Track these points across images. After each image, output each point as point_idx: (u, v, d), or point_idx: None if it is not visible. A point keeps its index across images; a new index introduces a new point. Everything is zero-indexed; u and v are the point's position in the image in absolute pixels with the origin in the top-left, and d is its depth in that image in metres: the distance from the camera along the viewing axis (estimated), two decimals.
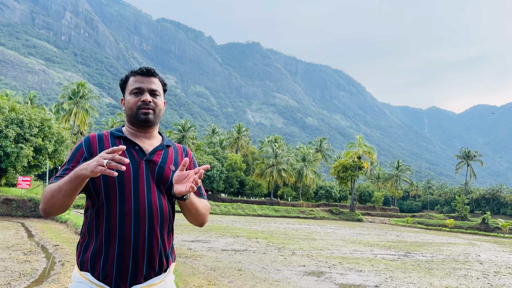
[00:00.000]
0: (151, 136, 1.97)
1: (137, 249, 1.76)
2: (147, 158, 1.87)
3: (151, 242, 1.79)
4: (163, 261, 1.86)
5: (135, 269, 1.77)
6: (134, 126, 1.95)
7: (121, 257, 1.75)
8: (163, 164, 1.89)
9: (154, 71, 1.99)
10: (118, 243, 1.76)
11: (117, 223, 1.76)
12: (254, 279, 7.90)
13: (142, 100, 1.90)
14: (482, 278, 9.90)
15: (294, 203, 57.71)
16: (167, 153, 1.95)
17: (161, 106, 1.97)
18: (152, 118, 1.91)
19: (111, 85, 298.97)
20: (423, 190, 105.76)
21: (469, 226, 42.99)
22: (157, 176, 1.85)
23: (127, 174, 1.80)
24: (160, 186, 1.86)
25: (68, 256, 8.89)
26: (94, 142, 1.89)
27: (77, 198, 34.17)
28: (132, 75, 1.97)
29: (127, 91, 1.96)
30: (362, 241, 19.12)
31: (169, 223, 1.89)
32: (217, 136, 72.58)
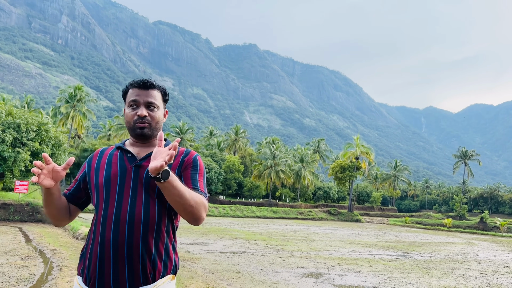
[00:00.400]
0: (150, 144, 1.98)
1: (117, 254, 1.75)
2: (136, 163, 1.88)
3: (130, 248, 1.75)
4: (148, 270, 1.78)
5: (116, 275, 1.75)
6: (133, 137, 2.00)
7: (102, 262, 1.76)
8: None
9: (152, 83, 1.97)
10: (100, 247, 1.77)
11: (99, 227, 1.79)
12: (252, 282, 7.90)
13: (137, 114, 1.92)
14: (480, 278, 9.92)
15: (292, 204, 57.71)
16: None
17: (158, 119, 1.96)
18: (147, 132, 1.93)
19: (108, 88, 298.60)
20: (421, 189, 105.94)
21: (467, 226, 43.08)
22: (145, 181, 1.83)
23: (114, 180, 1.84)
24: (149, 191, 1.83)
25: (66, 261, 8.86)
26: (95, 156, 2.00)
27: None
28: (130, 87, 1.98)
29: (126, 103, 1.99)
30: (361, 242, 19.13)
31: (156, 230, 1.81)
32: (215, 138, 72.57)
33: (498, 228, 38.34)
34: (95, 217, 1.86)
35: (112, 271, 1.74)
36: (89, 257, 1.81)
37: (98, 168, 1.93)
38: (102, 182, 1.86)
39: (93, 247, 1.80)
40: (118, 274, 1.74)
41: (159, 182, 1.64)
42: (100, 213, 1.82)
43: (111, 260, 1.75)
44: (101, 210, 1.82)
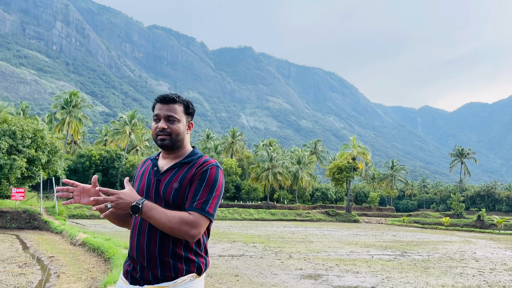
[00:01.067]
0: (176, 156, 2.14)
1: (138, 256, 2.03)
2: (158, 177, 2.08)
3: (149, 253, 2.00)
4: (166, 270, 1.99)
5: (142, 272, 2.01)
6: (160, 148, 2.20)
7: (133, 268, 2.07)
8: (168, 182, 2.05)
9: (173, 98, 2.11)
10: (130, 250, 2.11)
11: (130, 233, 2.13)
12: (251, 284, 7.90)
13: (158, 127, 2.09)
14: (478, 276, 9.96)
15: (290, 206, 57.72)
16: (178, 171, 2.07)
17: (179, 131, 2.09)
18: (168, 143, 2.08)
19: (104, 93, 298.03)
20: (419, 189, 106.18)
21: (465, 224, 43.21)
22: (162, 195, 2.03)
23: (141, 192, 2.10)
24: (168, 204, 2.01)
25: (63, 268, 8.83)
26: (140, 166, 2.27)
27: (71, 207, 33.69)
28: (156, 102, 2.16)
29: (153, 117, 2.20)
30: (359, 242, 19.16)
31: (174, 238, 1.99)
32: (212, 141, 72.50)
33: (496, 226, 38.47)
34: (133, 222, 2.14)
35: (139, 268, 2.02)
36: (130, 253, 2.12)
37: (135, 178, 2.22)
38: None
39: (130, 247, 2.11)
40: (144, 271, 2.01)
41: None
42: (132, 221, 2.14)
43: (138, 262, 2.03)
44: (133, 220, 2.12)
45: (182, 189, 2.00)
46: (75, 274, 8.04)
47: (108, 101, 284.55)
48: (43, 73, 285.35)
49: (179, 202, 2.00)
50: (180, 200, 2.00)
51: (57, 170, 24.08)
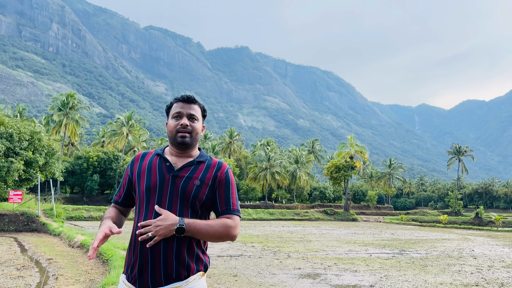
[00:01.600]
0: (188, 155, 2.15)
1: (154, 257, 1.95)
2: (174, 173, 2.05)
3: (166, 252, 1.95)
4: (180, 270, 1.98)
5: (153, 274, 1.96)
6: (173, 146, 2.16)
7: (141, 263, 1.96)
8: (188, 179, 2.04)
9: (194, 99, 2.20)
10: (140, 250, 1.97)
11: (135, 237, 2.00)
12: (249, 284, 7.91)
13: (180, 124, 2.11)
14: (476, 273, 10.00)
15: (288, 206, 57.75)
16: (197, 168, 2.10)
17: (198, 130, 2.16)
18: (188, 140, 2.11)
19: (101, 95, 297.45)
20: (416, 187, 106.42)
21: (463, 221, 43.36)
22: (181, 191, 2.02)
23: (153, 189, 2.03)
24: (184, 200, 2.02)
25: (62, 270, 8.82)
26: (137, 160, 2.17)
27: (69, 209, 33.61)
28: (175, 101, 2.19)
29: (170, 116, 2.18)
30: (357, 241, 19.20)
31: (189, 236, 1.99)
32: (209, 142, 72.45)
33: (493, 223, 38.61)
34: (135, 222, 2.04)
35: (150, 271, 1.95)
36: (133, 258, 2.01)
37: (140, 174, 2.10)
38: (143, 189, 2.05)
39: (135, 249, 2.00)
40: (155, 273, 1.95)
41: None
42: (140, 218, 2.01)
43: (149, 262, 1.95)
44: (142, 216, 2.01)
45: (203, 187, 2.05)
46: (73, 276, 8.03)
47: (105, 102, 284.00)
48: (40, 75, 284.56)
49: (199, 198, 2.03)
50: (200, 197, 2.03)
51: (55, 172, 24.02)
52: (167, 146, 2.23)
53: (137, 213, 2.08)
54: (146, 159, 2.15)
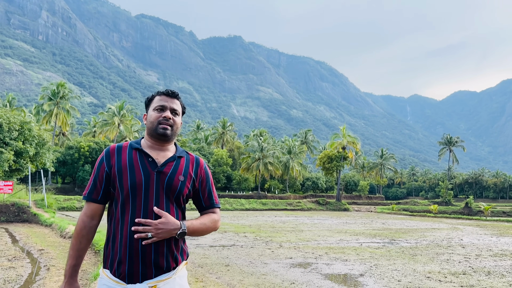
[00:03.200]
0: (165, 149, 2.17)
1: (145, 253, 1.98)
2: (158, 169, 2.06)
3: (157, 247, 1.99)
4: (170, 262, 2.05)
5: (144, 269, 1.99)
6: (152, 138, 2.15)
7: (131, 259, 1.98)
8: (172, 175, 2.08)
9: (178, 94, 2.23)
10: (129, 247, 1.98)
11: (128, 230, 1.99)
12: (241, 274, 7.98)
13: (163, 116, 2.13)
14: (464, 262, 10.18)
15: (281, 196, 58.04)
16: (178, 164, 2.13)
17: (178, 125, 2.20)
18: (169, 133, 2.13)
19: (92, 84, 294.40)
20: (408, 177, 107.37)
21: (453, 211, 43.90)
22: (166, 186, 2.05)
23: (139, 185, 2.02)
24: (169, 195, 2.06)
25: (53, 261, 8.82)
26: (113, 154, 2.11)
27: (61, 200, 33.46)
28: (158, 94, 2.21)
29: (151, 108, 2.19)
30: (348, 231, 19.40)
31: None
32: (202, 132, 72.34)
33: (483, 213, 39.15)
34: (119, 219, 2.03)
35: (141, 266, 1.98)
36: (119, 253, 2.00)
37: (120, 169, 2.05)
38: (128, 187, 2.02)
39: (121, 245, 2.00)
40: (146, 268, 1.99)
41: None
42: (127, 217, 2.01)
43: (139, 257, 1.98)
44: (128, 214, 2.01)
45: (186, 182, 2.11)
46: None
47: (96, 92, 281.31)
48: (29, 63, 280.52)
49: (183, 193, 2.09)
50: (184, 192, 2.09)
51: (46, 163, 23.86)
52: (141, 138, 2.22)
53: (119, 210, 2.03)
54: (123, 154, 2.09)
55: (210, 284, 6.91)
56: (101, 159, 2.11)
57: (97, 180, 2.10)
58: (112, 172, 2.07)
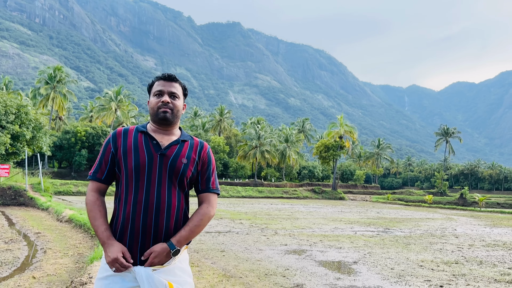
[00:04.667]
0: (170, 133, 2.21)
1: (145, 235, 2.04)
2: (161, 152, 2.10)
3: (156, 231, 2.04)
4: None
5: (143, 252, 2.04)
6: (155, 123, 2.20)
7: (132, 241, 2.04)
8: (176, 157, 2.12)
9: (175, 77, 2.25)
10: (130, 228, 2.04)
11: (130, 210, 2.04)
12: (236, 260, 8.07)
13: (162, 101, 2.16)
14: (457, 251, 10.30)
15: (277, 184, 58.27)
16: (182, 147, 2.17)
17: (179, 107, 2.22)
18: (170, 117, 2.16)
19: (89, 68, 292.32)
20: (404, 167, 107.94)
21: (448, 201, 44.26)
22: (169, 169, 2.08)
23: (143, 167, 2.06)
24: (172, 178, 2.09)
25: (50, 244, 8.88)
26: (119, 136, 2.16)
27: (57, 184, 33.47)
28: (156, 80, 2.24)
29: (151, 94, 2.23)
30: (343, 219, 19.55)
31: (177, 213, 2.11)
32: (199, 119, 72.16)
33: (477, 204, 39.48)
34: (123, 199, 2.08)
35: (140, 249, 2.04)
36: (118, 233, 2.06)
37: (126, 151, 2.10)
38: (132, 168, 2.07)
39: (123, 227, 2.05)
40: (145, 250, 2.04)
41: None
42: (130, 197, 2.06)
43: (139, 240, 2.03)
44: (131, 194, 2.06)
45: (190, 165, 2.14)
46: (61, 250, 8.10)
47: (93, 76, 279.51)
48: (26, 46, 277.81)
49: (186, 176, 2.13)
50: (188, 174, 2.13)
51: (42, 147, 23.82)
52: (147, 123, 2.27)
53: (123, 191, 2.09)
54: (129, 136, 2.15)
55: (205, 269, 6.98)
56: (107, 141, 2.17)
57: (103, 160, 2.16)
58: (118, 153, 2.12)
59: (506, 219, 23.90)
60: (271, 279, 6.43)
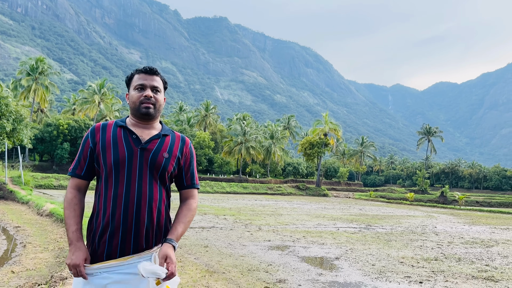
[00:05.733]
0: (150, 127, 2.18)
1: (125, 229, 2.00)
2: (142, 146, 2.08)
3: (138, 224, 2.01)
4: (150, 241, 2.06)
5: (123, 246, 2.00)
6: (136, 118, 2.16)
7: (112, 235, 2.00)
8: (156, 151, 2.09)
9: (157, 70, 2.21)
10: (111, 222, 2.00)
11: (110, 205, 2.01)
12: (220, 255, 8.07)
13: (144, 95, 2.12)
14: (436, 248, 10.51)
15: (262, 180, 58.39)
16: (163, 141, 2.14)
17: (161, 102, 2.19)
18: (152, 111, 2.13)
19: (72, 60, 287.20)
20: (386, 165, 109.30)
21: (429, 199, 45.09)
22: (150, 163, 2.06)
23: (122, 162, 2.03)
24: (153, 172, 2.07)
25: (30, 238, 8.73)
26: (98, 131, 2.12)
27: (38, 178, 32.94)
28: (136, 72, 2.19)
29: (131, 87, 2.17)
30: (326, 215, 19.72)
31: (158, 207, 2.08)
32: (185, 114, 71.72)
33: (457, 202, 40.32)
34: (103, 194, 2.05)
35: (120, 243, 2.00)
36: (100, 228, 2.03)
37: (104, 146, 2.07)
38: (111, 163, 2.03)
39: (103, 222, 2.02)
40: (125, 245, 2.01)
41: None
42: (110, 192, 2.03)
43: (120, 233, 2.00)
44: (111, 189, 2.02)
45: (171, 159, 2.11)
46: (42, 244, 7.98)
47: (76, 69, 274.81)
48: (7, 36, 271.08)
49: (168, 170, 2.10)
50: (169, 169, 2.11)
51: (23, 139, 23.33)
52: (126, 117, 2.22)
53: (103, 186, 2.06)
54: (108, 131, 2.11)
55: (188, 264, 6.97)
56: (86, 136, 2.13)
57: (82, 156, 2.12)
58: (96, 148, 2.08)
59: (484, 217, 24.46)
60: (254, 275, 6.46)
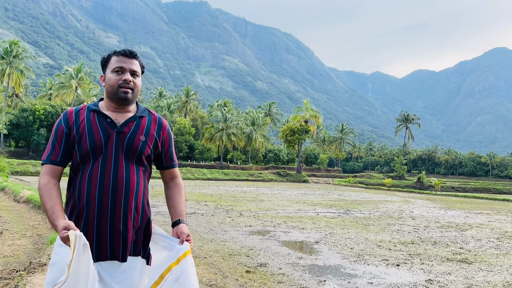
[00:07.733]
0: (126, 110, 2.11)
1: (101, 213, 1.95)
2: (117, 129, 2.02)
3: (113, 206, 1.96)
4: (128, 223, 2.02)
5: (99, 230, 1.96)
6: (112, 102, 2.08)
7: (87, 219, 1.96)
8: (133, 135, 2.04)
9: (136, 54, 2.15)
10: (86, 208, 1.96)
11: (85, 189, 1.96)
12: (201, 241, 8.11)
13: (123, 79, 2.04)
14: (413, 232, 10.80)
15: (243, 167, 58.53)
16: (139, 123, 2.09)
17: (139, 87, 2.13)
18: (130, 97, 2.07)
19: (48, 44, 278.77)
20: (365, 151, 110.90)
21: (406, 185, 46.12)
22: (126, 147, 2.02)
23: (99, 146, 1.98)
24: (129, 156, 2.02)
25: (6, 225, 8.57)
26: (71, 116, 2.05)
27: (14, 164, 32.22)
28: (115, 54, 2.11)
29: (108, 69, 2.09)
30: (307, 201, 19.98)
31: (136, 191, 2.03)
32: (165, 100, 70.86)
33: (433, 187, 41.37)
34: (79, 179, 2.00)
35: (96, 226, 1.95)
36: (75, 214, 1.99)
37: (79, 131, 2.00)
38: (88, 148, 1.98)
39: (78, 208, 1.98)
40: (101, 229, 1.96)
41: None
42: (85, 176, 1.98)
43: (95, 217, 1.95)
44: (86, 173, 1.98)
45: (148, 142, 2.08)
46: (19, 231, 7.84)
47: (52, 53, 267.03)
48: None
49: (145, 153, 2.06)
50: (146, 152, 2.07)
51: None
52: (100, 100, 2.15)
53: (79, 172, 2.01)
54: (81, 116, 2.05)
55: None
56: (58, 122, 2.06)
57: (56, 142, 2.03)
58: (71, 133, 2.01)
59: (459, 202, 25.21)
60: (235, 259, 6.52)
